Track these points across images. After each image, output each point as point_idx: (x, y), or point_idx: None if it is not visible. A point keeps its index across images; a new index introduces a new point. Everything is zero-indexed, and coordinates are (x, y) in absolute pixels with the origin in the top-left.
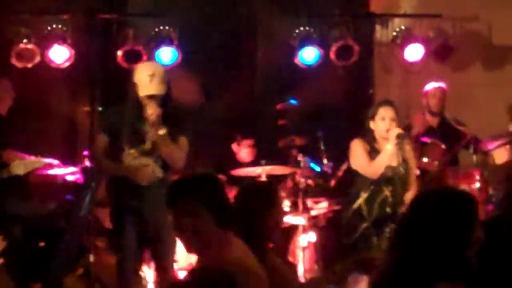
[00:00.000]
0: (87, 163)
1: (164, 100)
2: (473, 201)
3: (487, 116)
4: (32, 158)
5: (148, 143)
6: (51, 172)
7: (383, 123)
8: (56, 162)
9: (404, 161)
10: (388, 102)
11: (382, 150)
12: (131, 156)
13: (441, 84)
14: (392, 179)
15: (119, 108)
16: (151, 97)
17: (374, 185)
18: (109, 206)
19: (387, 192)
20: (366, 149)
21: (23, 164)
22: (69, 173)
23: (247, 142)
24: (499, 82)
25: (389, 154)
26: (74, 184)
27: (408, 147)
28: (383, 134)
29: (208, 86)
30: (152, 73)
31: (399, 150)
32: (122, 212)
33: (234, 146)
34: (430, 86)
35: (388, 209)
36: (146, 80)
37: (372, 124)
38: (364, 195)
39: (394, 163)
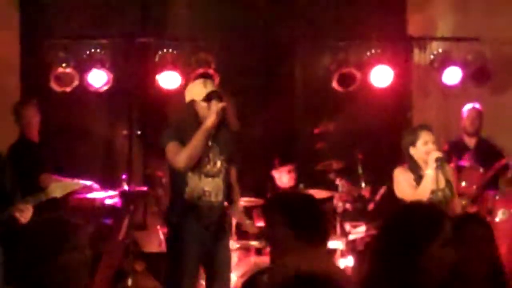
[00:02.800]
0: (126, 186)
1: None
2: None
3: None
4: (69, 180)
5: (214, 166)
6: (90, 195)
7: (425, 147)
8: (94, 185)
9: (448, 182)
10: (427, 126)
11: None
12: (195, 179)
13: (476, 105)
14: (442, 202)
15: (178, 128)
16: (211, 93)
17: None
18: (166, 227)
19: None
20: (410, 177)
21: (60, 186)
22: (108, 196)
23: (286, 167)
24: None
25: (431, 179)
26: (112, 207)
27: (448, 168)
28: (426, 158)
29: (246, 110)
30: (203, 81)
31: (442, 172)
32: (185, 235)
33: (274, 172)
34: (466, 107)
35: None
36: (200, 86)
37: (412, 150)
38: None
39: (442, 185)
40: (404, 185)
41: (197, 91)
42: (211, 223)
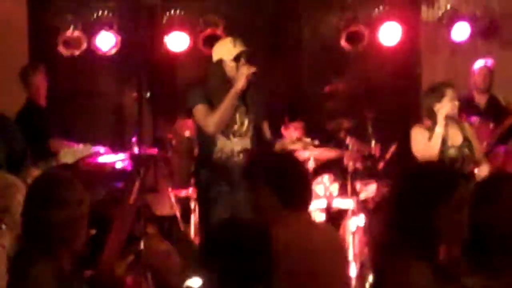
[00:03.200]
0: (136, 149)
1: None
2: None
3: None
4: (81, 146)
5: (241, 125)
6: (100, 159)
7: (453, 104)
8: (104, 149)
9: (466, 139)
10: (451, 83)
11: (448, 134)
12: (223, 139)
13: (488, 62)
14: (456, 159)
15: (206, 88)
16: (240, 53)
17: None
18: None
19: None
20: (426, 136)
21: (71, 152)
22: (118, 160)
23: (295, 124)
24: None
25: (440, 136)
26: (123, 171)
27: (467, 126)
28: (453, 114)
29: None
30: (233, 40)
31: (460, 129)
32: (214, 196)
33: (283, 130)
34: (477, 64)
35: None
36: (230, 46)
37: (437, 106)
38: None
39: (457, 143)
40: (418, 143)
41: (226, 50)
42: (240, 184)
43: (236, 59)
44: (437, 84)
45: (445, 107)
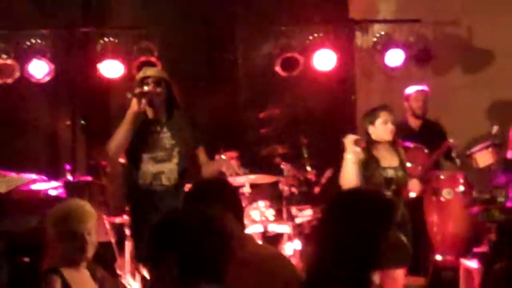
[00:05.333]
0: (70, 177)
1: (169, 102)
2: (387, 206)
3: (468, 119)
4: (14, 175)
5: (162, 151)
6: (34, 187)
7: (385, 126)
8: (38, 177)
9: (401, 161)
10: (387, 106)
11: (383, 156)
12: (146, 164)
13: (424, 87)
14: (392, 180)
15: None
16: (146, 78)
17: None
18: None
19: (388, 194)
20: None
21: (5, 181)
22: (52, 187)
23: (230, 154)
24: (479, 85)
25: (350, 162)
26: (57, 198)
27: (401, 150)
28: (385, 137)
29: (189, 97)
30: (146, 68)
31: (395, 152)
32: (140, 222)
33: (217, 158)
34: (412, 89)
35: None
36: (140, 74)
37: (371, 129)
38: None
39: (394, 164)
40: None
41: (137, 76)
42: (165, 206)
43: (141, 83)
44: (372, 108)
45: (378, 129)
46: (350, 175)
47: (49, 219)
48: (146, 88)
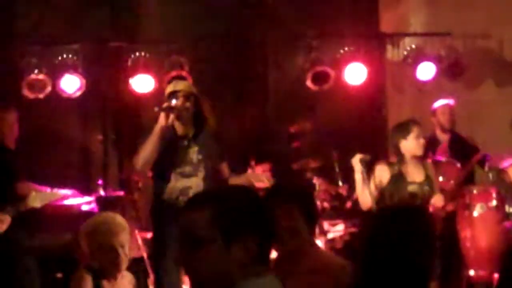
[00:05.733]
0: (102, 192)
1: (197, 117)
2: (424, 218)
3: (500, 133)
4: (48, 190)
5: (189, 166)
6: (66, 202)
7: (418, 141)
8: (70, 192)
9: (428, 177)
10: (418, 121)
11: (409, 171)
12: (173, 179)
13: (449, 101)
14: (416, 195)
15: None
16: (176, 92)
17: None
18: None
19: None
20: (385, 173)
21: (40, 196)
22: (84, 202)
23: (262, 166)
24: (511, 99)
25: (359, 182)
26: (89, 214)
27: (429, 164)
28: (418, 152)
29: (220, 112)
30: (176, 82)
31: (423, 167)
32: (163, 237)
33: (250, 171)
34: (439, 103)
35: None
36: (170, 87)
37: (403, 143)
38: None
39: (419, 179)
40: (357, 191)
41: (166, 91)
42: None
43: (170, 97)
44: (404, 122)
45: (411, 144)
46: (364, 196)
47: (81, 233)
48: (174, 102)
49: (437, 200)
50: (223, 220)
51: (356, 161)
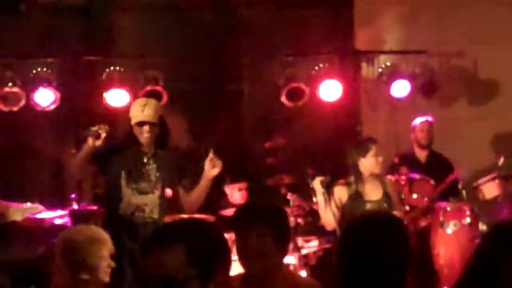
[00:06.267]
0: (75, 206)
1: (160, 137)
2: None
3: (473, 150)
4: (29, 204)
5: (146, 183)
6: (39, 215)
7: (376, 159)
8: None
9: (386, 194)
10: (375, 140)
11: (366, 190)
12: (129, 194)
13: (428, 118)
14: None
15: (114, 148)
16: (142, 123)
17: None
18: None
19: None
20: (343, 193)
21: (20, 210)
22: (57, 216)
23: (239, 185)
24: (485, 116)
25: (321, 205)
26: (62, 227)
27: (388, 181)
28: (376, 170)
29: (195, 126)
30: (144, 103)
31: (381, 184)
32: (119, 253)
33: (227, 189)
34: (418, 120)
35: None
36: (138, 110)
37: (362, 161)
38: None
39: (376, 197)
40: (320, 213)
41: (134, 112)
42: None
43: (139, 125)
44: (362, 140)
45: (369, 162)
46: (327, 217)
47: (59, 248)
48: (103, 132)
49: None
50: (198, 258)
51: (317, 184)
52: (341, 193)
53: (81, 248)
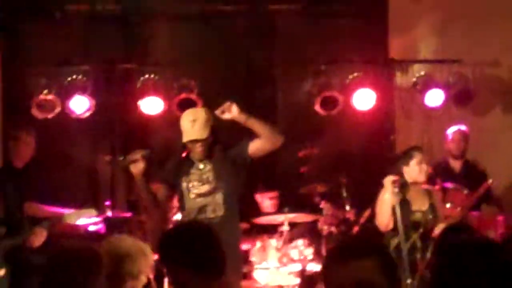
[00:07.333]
0: (109, 213)
1: (212, 144)
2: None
3: (507, 160)
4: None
5: (206, 186)
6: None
7: (420, 167)
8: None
9: (432, 205)
10: (420, 147)
11: (413, 198)
12: (192, 200)
13: (462, 127)
14: (420, 223)
15: (172, 158)
16: (193, 141)
17: (404, 232)
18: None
19: (415, 237)
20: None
21: (76, 213)
22: (92, 223)
23: (269, 194)
24: None
25: (387, 202)
26: (96, 234)
27: (434, 192)
28: (419, 178)
29: (227, 134)
30: (193, 118)
31: (427, 195)
32: None
33: (258, 197)
34: (451, 130)
35: (417, 255)
36: (188, 126)
37: (406, 169)
38: (393, 243)
39: (423, 207)
40: (380, 209)
41: (185, 129)
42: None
43: (188, 143)
44: (407, 149)
45: (413, 170)
46: (385, 216)
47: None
48: (138, 157)
49: (440, 230)
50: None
51: (388, 182)
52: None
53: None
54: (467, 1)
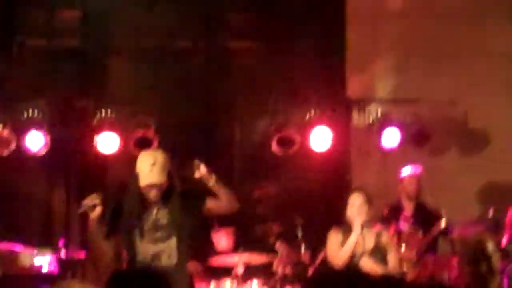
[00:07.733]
0: (63, 252)
1: (168, 189)
2: None
3: (463, 201)
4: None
5: (161, 231)
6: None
7: (351, 209)
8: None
9: (378, 247)
10: (358, 188)
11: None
12: (146, 246)
13: (417, 170)
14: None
15: (120, 201)
16: (151, 186)
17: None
18: None
19: None
20: (338, 238)
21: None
22: (45, 263)
23: (226, 230)
24: (475, 167)
25: (352, 243)
26: (49, 274)
27: (384, 234)
28: (357, 220)
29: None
30: (153, 162)
31: (375, 236)
32: None
33: (213, 235)
34: (406, 172)
35: None
36: (147, 169)
37: (348, 211)
38: None
39: (368, 249)
40: (330, 247)
41: (142, 172)
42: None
43: (148, 186)
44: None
45: (352, 211)
46: (344, 256)
47: None
48: (97, 203)
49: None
50: None
51: (358, 223)
52: (336, 239)
53: None
54: (424, 41)
